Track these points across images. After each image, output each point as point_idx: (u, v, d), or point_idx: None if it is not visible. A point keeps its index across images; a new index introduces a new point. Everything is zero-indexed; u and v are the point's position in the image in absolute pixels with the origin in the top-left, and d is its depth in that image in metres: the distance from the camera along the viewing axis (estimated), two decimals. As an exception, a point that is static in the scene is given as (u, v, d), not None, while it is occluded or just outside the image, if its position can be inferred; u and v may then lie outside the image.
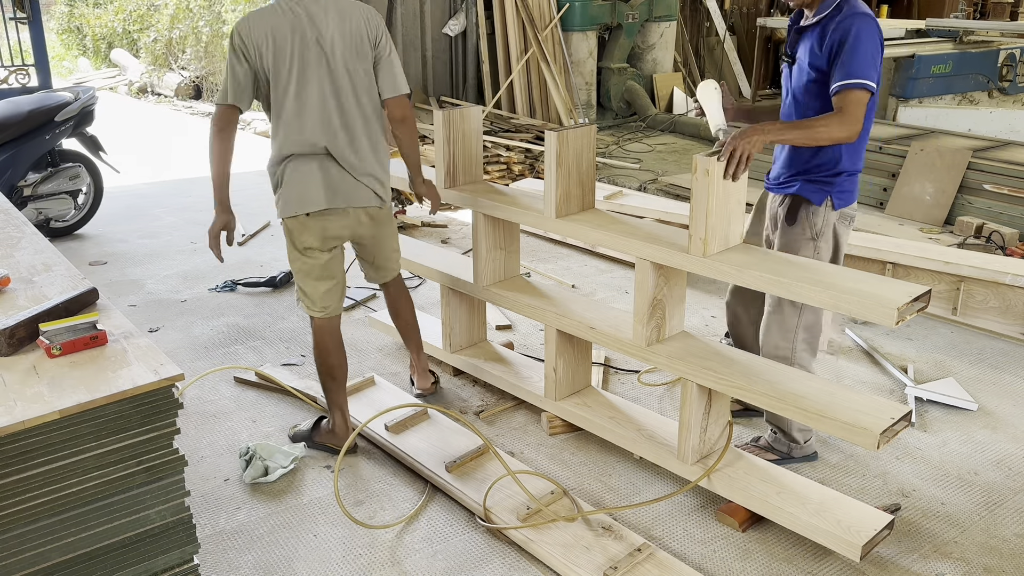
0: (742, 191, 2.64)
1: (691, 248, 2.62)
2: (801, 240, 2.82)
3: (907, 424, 2.41)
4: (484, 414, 3.45)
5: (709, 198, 2.53)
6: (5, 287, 2.29)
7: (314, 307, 3.04)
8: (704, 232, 2.57)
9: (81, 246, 5.61)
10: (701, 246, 2.60)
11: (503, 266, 3.51)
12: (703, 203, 2.55)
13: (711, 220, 2.56)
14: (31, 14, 6.47)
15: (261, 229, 5.97)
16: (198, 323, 4.36)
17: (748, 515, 2.74)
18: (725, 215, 2.60)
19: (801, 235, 2.82)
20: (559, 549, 2.56)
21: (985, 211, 5.30)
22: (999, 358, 3.95)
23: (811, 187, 2.78)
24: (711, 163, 2.49)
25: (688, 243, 2.64)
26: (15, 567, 1.80)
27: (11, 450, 1.72)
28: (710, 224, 2.56)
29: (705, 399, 2.76)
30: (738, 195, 2.63)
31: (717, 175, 2.52)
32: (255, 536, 2.72)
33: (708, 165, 2.49)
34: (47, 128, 5.33)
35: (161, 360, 1.92)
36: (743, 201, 2.67)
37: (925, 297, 2.33)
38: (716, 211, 2.56)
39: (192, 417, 3.41)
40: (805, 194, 2.79)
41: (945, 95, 7.86)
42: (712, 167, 2.50)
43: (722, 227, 2.61)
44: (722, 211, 2.58)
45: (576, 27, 8.44)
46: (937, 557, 2.62)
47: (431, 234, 5.80)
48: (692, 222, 2.60)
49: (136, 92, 13.13)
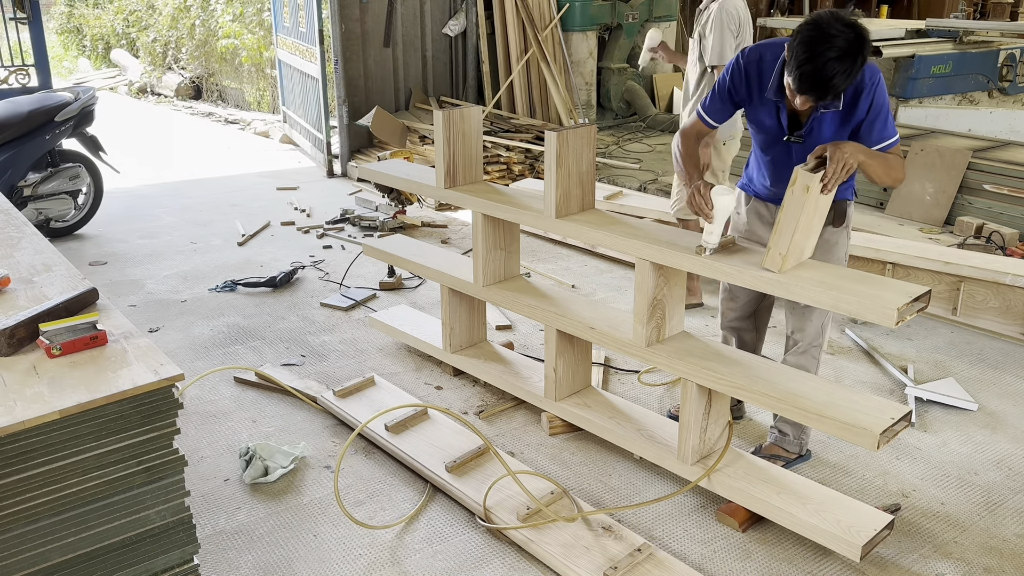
0: (827, 208, 2.57)
1: (766, 262, 2.49)
2: (839, 235, 2.86)
3: (907, 424, 2.41)
4: (484, 414, 3.45)
5: (802, 214, 2.41)
6: (5, 287, 2.29)
7: None
8: (787, 248, 2.45)
9: (81, 246, 5.61)
10: (779, 261, 2.47)
11: (503, 266, 3.51)
12: (794, 219, 2.42)
13: (797, 237, 2.45)
14: (31, 14, 6.47)
15: (261, 229, 5.97)
16: (198, 323, 4.36)
17: (748, 515, 2.74)
18: (808, 231, 2.51)
19: (841, 230, 2.86)
20: (559, 549, 2.56)
21: (985, 211, 5.30)
22: (999, 358, 3.95)
23: (845, 187, 2.80)
24: (814, 179, 2.36)
25: (764, 257, 2.51)
26: (15, 567, 1.80)
27: (11, 450, 1.72)
28: (795, 241, 2.45)
29: (705, 399, 2.76)
30: (823, 211, 2.55)
31: (815, 192, 2.39)
32: (255, 536, 2.72)
33: (810, 181, 2.37)
34: (47, 128, 5.33)
35: (161, 360, 1.92)
36: (823, 217, 2.60)
37: (925, 297, 2.33)
38: (803, 227, 2.45)
39: (192, 417, 3.41)
40: (848, 196, 2.83)
41: (945, 95, 7.85)
42: (813, 183, 2.36)
43: (801, 244, 2.52)
44: (807, 227, 2.49)
45: (576, 27, 8.44)
46: (937, 557, 2.62)
47: (431, 234, 5.80)
48: (776, 236, 2.46)
49: (136, 92, 13.13)
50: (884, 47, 7.52)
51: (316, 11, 7.11)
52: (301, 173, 7.73)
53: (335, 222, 6.06)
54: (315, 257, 5.36)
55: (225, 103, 12.28)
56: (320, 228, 5.96)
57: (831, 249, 2.82)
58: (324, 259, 5.32)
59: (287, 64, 8.48)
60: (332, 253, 5.46)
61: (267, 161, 8.34)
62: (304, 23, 7.53)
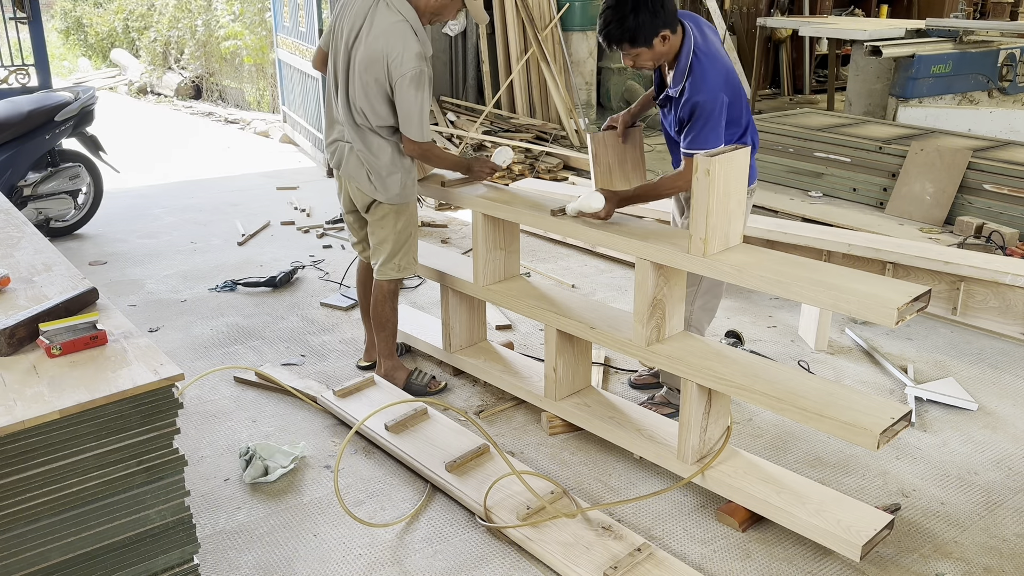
0: (742, 191, 2.64)
1: (691, 248, 2.62)
2: None
3: (907, 424, 2.41)
4: (484, 414, 3.45)
5: (710, 198, 2.53)
6: (5, 287, 2.29)
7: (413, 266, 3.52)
8: (704, 232, 2.57)
9: (81, 246, 5.61)
10: (701, 246, 2.60)
11: (503, 266, 3.51)
12: (704, 203, 2.55)
13: (712, 220, 2.56)
14: (31, 14, 6.47)
15: (261, 229, 5.97)
16: (198, 323, 4.36)
17: (748, 515, 2.74)
18: (725, 215, 2.60)
19: None
20: (559, 548, 2.56)
21: (985, 211, 5.30)
22: (999, 358, 3.95)
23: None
24: (712, 163, 2.49)
25: (688, 243, 2.64)
26: (15, 567, 1.80)
27: (11, 450, 1.72)
28: (711, 224, 2.56)
29: (705, 399, 2.76)
30: (738, 195, 2.63)
31: (718, 174, 2.51)
32: (255, 536, 2.72)
33: (708, 165, 2.49)
34: (47, 128, 5.33)
35: (161, 360, 1.92)
36: (743, 201, 2.67)
37: (925, 297, 2.33)
38: (717, 211, 2.56)
39: (192, 417, 3.41)
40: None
41: (945, 95, 7.85)
42: (713, 167, 2.49)
43: (722, 227, 2.61)
44: (722, 211, 2.58)
45: (576, 27, 8.44)
46: (937, 557, 2.62)
47: (431, 234, 5.80)
48: (692, 222, 2.60)
49: (136, 92, 13.13)
50: (884, 47, 7.52)
51: (316, 11, 7.11)
52: (301, 173, 7.73)
53: (335, 222, 6.06)
54: (315, 257, 5.36)
55: (225, 103, 12.28)
56: (320, 228, 5.96)
57: None
58: (324, 259, 5.32)
59: (287, 64, 8.48)
60: (332, 253, 5.46)
61: (267, 161, 8.34)
62: (304, 23, 7.53)
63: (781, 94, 11.56)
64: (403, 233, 3.40)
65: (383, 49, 3.05)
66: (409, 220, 3.41)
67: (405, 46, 3.04)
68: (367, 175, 3.28)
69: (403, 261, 3.44)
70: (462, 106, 8.31)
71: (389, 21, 3.06)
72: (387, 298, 3.50)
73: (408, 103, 3.08)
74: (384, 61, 3.05)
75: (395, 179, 3.28)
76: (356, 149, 3.27)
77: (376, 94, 3.12)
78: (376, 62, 3.07)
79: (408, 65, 3.04)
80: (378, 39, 3.06)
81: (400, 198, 3.32)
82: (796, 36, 11.07)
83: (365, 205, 3.39)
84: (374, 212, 3.37)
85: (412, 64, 3.04)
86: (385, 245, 3.41)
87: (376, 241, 3.44)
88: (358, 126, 3.23)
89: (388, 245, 3.41)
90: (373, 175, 3.27)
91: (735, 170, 2.58)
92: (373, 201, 3.35)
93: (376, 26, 3.08)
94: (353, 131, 3.24)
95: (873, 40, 7.79)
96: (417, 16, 3.13)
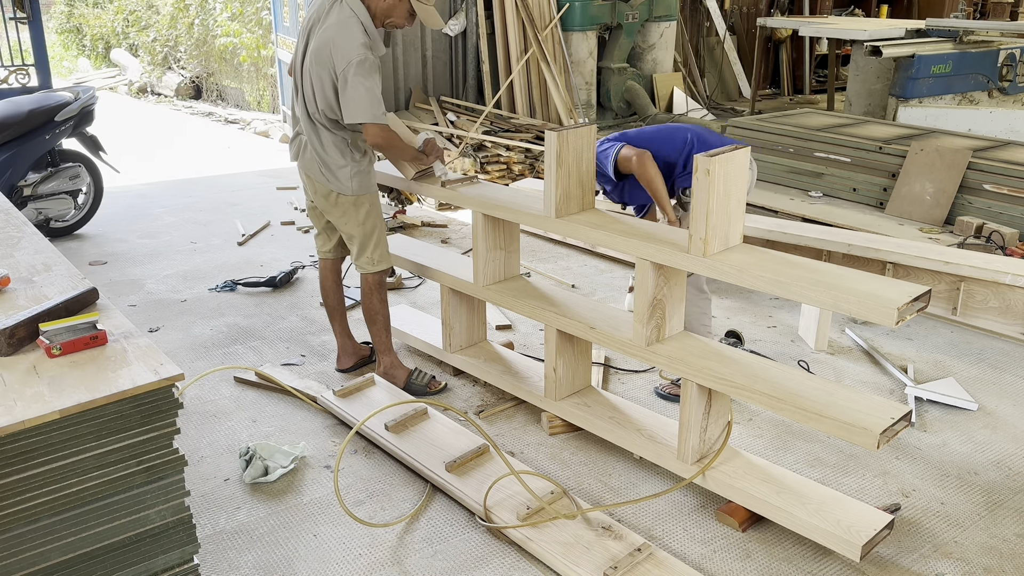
0: (742, 191, 2.64)
1: (691, 248, 2.62)
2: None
3: (907, 424, 2.41)
4: (484, 414, 3.45)
5: (710, 198, 2.53)
6: (5, 287, 2.29)
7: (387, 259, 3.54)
8: (704, 232, 2.57)
9: (81, 246, 5.61)
10: (701, 246, 2.59)
11: (503, 266, 3.51)
12: (704, 203, 2.54)
13: (712, 220, 2.56)
14: (31, 14, 6.47)
15: (261, 229, 5.96)
16: (198, 323, 4.36)
17: (748, 515, 2.74)
18: (725, 215, 2.60)
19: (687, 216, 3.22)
20: (559, 548, 2.56)
21: (985, 211, 5.30)
22: (999, 358, 3.94)
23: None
24: (712, 163, 2.49)
25: (688, 243, 2.64)
26: (15, 567, 1.80)
27: (11, 450, 1.72)
28: (711, 224, 2.56)
29: (705, 399, 2.76)
30: (739, 195, 2.63)
31: (718, 174, 2.51)
32: (255, 536, 2.72)
33: (708, 165, 2.49)
34: (47, 128, 5.33)
35: (161, 360, 1.92)
36: (743, 201, 2.67)
37: (925, 297, 2.33)
38: (716, 211, 2.56)
39: (192, 417, 3.41)
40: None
41: (945, 95, 7.85)
42: (712, 167, 2.49)
43: (722, 227, 2.61)
44: (722, 211, 2.58)
45: (576, 27, 8.44)
46: (937, 557, 2.62)
47: (431, 234, 5.80)
48: (692, 222, 2.60)
49: (136, 92, 13.13)
50: (884, 47, 7.52)
51: (316, 11, 7.10)
52: (301, 173, 7.72)
53: (335, 222, 6.05)
54: (315, 257, 5.36)
55: (225, 103, 12.28)
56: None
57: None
58: (324, 259, 5.32)
59: (287, 64, 8.47)
60: (332, 253, 5.46)
61: (267, 160, 8.34)
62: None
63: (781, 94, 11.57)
64: (366, 226, 3.45)
65: (330, 39, 3.14)
66: (370, 212, 3.45)
67: (351, 36, 3.13)
68: (319, 168, 3.37)
69: (375, 254, 3.49)
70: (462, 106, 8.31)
71: (340, 16, 3.17)
72: (373, 290, 3.54)
73: (354, 88, 3.13)
74: (329, 50, 3.14)
75: (344, 172, 3.35)
76: (311, 143, 3.36)
77: (326, 86, 3.19)
78: (323, 52, 3.16)
79: (353, 53, 3.11)
80: (327, 31, 3.16)
81: (352, 190, 3.38)
82: (796, 36, 11.07)
83: (323, 198, 3.44)
84: (336, 207, 3.43)
85: (357, 52, 3.12)
86: (354, 240, 3.48)
87: (345, 237, 3.52)
88: (312, 120, 3.32)
89: (356, 240, 3.47)
90: (324, 168, 3.36)
91: (735, 170, 2.58)
92: (334, 196, 3.39)
93: (327, 21, 3.19)
94: (308, 125, 3.35)
95: (873, 40, 7.79)
96: (369, 15, 3.22)
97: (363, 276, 3.54)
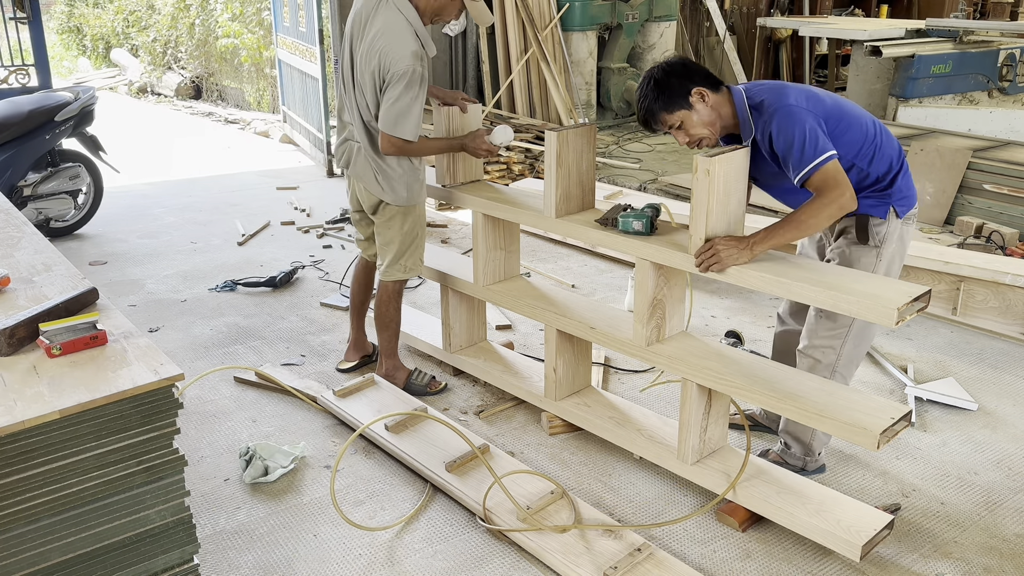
0: (742, 191, 2.64)
1: (691, 248, 2.62)
2: (865, 253, 2.70)
3: (907, 424, 2.41)
4: (484, 414, 3.45)
5: (710, 198, 2.53)
6: (5, 287, 2.29)
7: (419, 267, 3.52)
8: (704, 232, 2.57)
9: (81, 246, 5.61)
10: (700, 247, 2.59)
11: (503, 266, 3.51)
12: (704, 203, 2.54)
13: (712, 220, 2.56)
14: (31, 14, 6.46)
15: (261, 229, 5.97)
16: (198, 323, 4.36)
17: (748, 515, 2.74)
18: (725, 216, 2.60)
19: (869, 249, 2.70)
20: (559, 548, 2.56)
21: (985, 211, 5.30)
22: (999, 358, 3.94)
23: (870, 202, 2.66)
24: (712, 163, 2.49)
25: (689, 243, 2.64)
26: (15, 567, 1.80)
27: (11, 450, 1.72)
28: (711, 224, 2.56)
29: (705, 399, 2.76)
30: (739, 196, 2.63)
31: (718, 175, 2.51)
32: (255, 536, 2.72)
33: (709, 165, 2.49)
34: (47, 128, 5.33)
35: (161, 360, 1.92)
36: (743, 202, 2.67)
37: (925, 297, 2.33)
38: (716, 211, 2.56)
39: (192, 417, 3.41)
40: (872, 212, 2.66)
41: (945, 95, 7.85)
42: (712, 167, 2.49)
43: (722, 228, 2.60)
44: (722, 211, 2.58)
45: (576, 27, 8.44)
46: (937, 557, 2.62)
47: (431, 234, 5.80)
48: (692, 222, 2.60)
49: (136, 92, 13.12)
50: (884, 47, 7.52)
51: (316, 11, 7.11)
52: (301, 173, 7.73)
53: (335, 222, 6.06)
54: (315, 257, 5.36)
55: (225, 103, 12.28)
56: (320, 228, 5.96)
57: (852, 266, 2.67)
58: (324, 259, 5.32)
59: (287, 64, 8.47)
60: (332, 253, 5.46)
61: (267, 161, 8.34)
62: (304, 23, 7.53)
63: (781, 94, 11.55)
64: (410, 234, 3.40)
65: (380, 46, 3.06)
66: (416, 221, 3.40)
67: (402, 44, 3.05)
68: (374, 176, 3.28)
69: (409, 262, 3.44)
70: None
71: (389, 20, 3.08)
72: (391, 298, 3.50)
73: (393, 98, 3.06)
74: (379, 58, 3.07)
75: (402, 181, 3.29)
76: (364, 149, 3.27)
77: (376, 92, 3.13)
78: (373, 59, 3.08)
79: (402, 63, 3.04)
80: (377, 37, 3.08)
81: (407, 200, 3.32)
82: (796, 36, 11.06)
83: (372, 206, 3.38)
84: (381, 213, 3.37)
85: (407, 62, 3.04)
86: (391, 246, 3.41)
87: (383, 242, 3.44)
88: (366, 128, 3.24)
89: (394, 246, 3.40)
90: (380, 176, 3.28)
91: (735, 170, 2.57)
92: (380, 203, 3.34)
93: (376, 24, 3.09)
94: (362, 132, 3.25)
95: (873, 40, 7.79)
96: (418, 16, 3.14)
97: (383, 283, 3.48)
